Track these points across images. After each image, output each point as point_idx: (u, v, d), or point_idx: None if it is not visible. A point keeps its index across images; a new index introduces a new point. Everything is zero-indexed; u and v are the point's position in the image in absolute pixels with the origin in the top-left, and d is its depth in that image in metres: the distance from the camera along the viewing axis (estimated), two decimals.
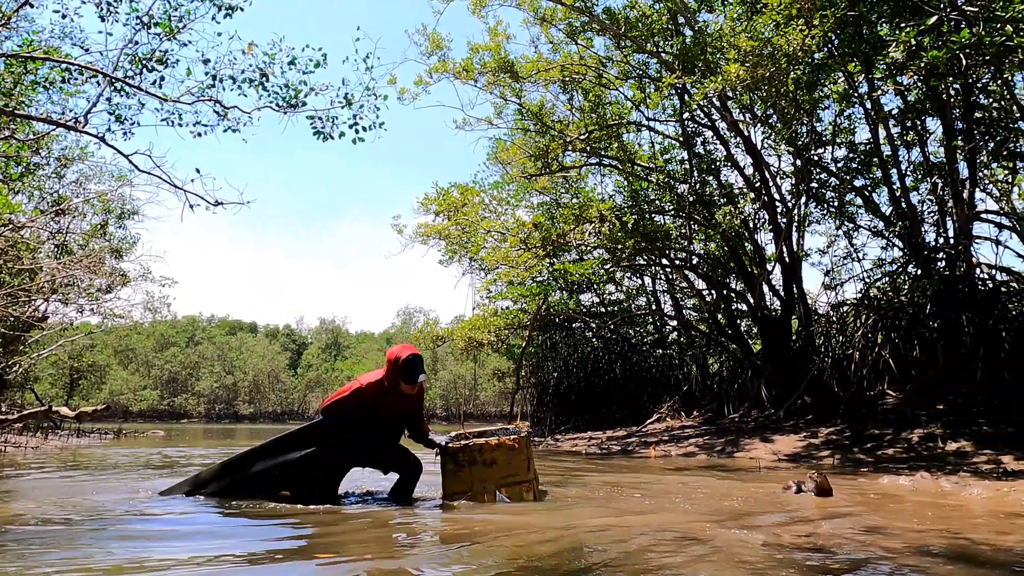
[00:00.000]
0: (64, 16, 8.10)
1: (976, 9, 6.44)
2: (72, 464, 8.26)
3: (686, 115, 12.93)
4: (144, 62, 7.71)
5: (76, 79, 8.05)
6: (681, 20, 11.83)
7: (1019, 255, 25.46)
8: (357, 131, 8.34)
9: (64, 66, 7.84)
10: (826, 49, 9.33)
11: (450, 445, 4.55)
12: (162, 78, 7.85)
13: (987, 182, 10.83)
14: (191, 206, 7.86)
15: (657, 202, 13.97)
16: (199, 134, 8.23)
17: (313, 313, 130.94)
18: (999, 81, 8.44)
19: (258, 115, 8.30)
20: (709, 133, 13.80)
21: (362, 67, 8.23)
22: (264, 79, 8.07)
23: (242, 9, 8.02)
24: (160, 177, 7.73)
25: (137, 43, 7.74)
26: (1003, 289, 10.24)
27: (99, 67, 7.69)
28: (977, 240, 10.41)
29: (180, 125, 8.17)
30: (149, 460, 8.97)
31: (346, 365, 70.98)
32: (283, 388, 70.97)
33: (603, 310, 20.28)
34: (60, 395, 35.32)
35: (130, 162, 7.70)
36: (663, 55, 11.83)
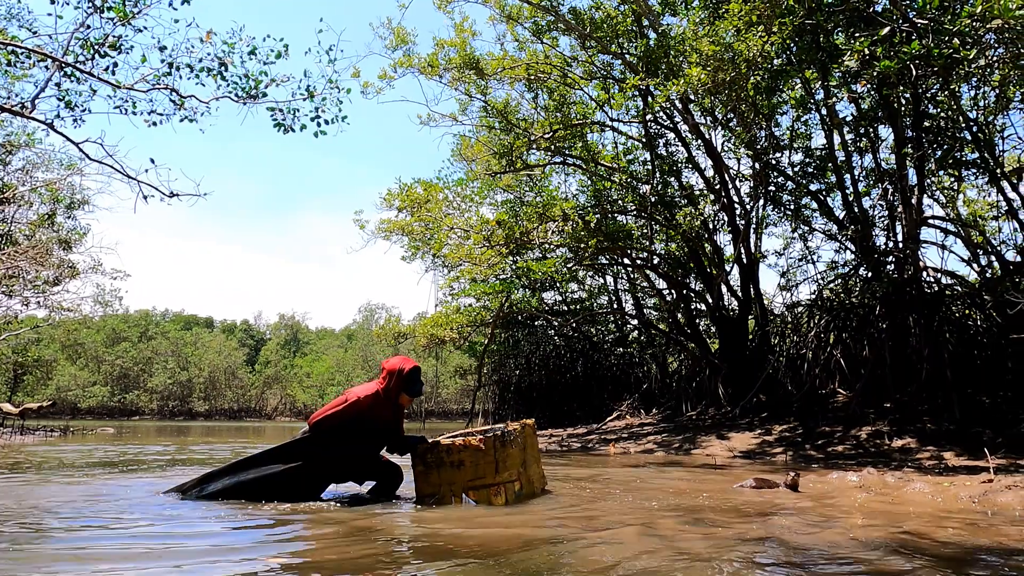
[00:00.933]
0: None
1: (926, 22, 6.68)
2: (16, 465, 7.96)
3: (649, 117, 13.09)
4: (96, 47, 7.46)
5: (23, 63, 7.74)
6: (645, 23, 11.97)
7: (963, 260, 26.40)
8: (319, 124, 8.23)
9: (10, 49, 7.53)
10: (784, 56, 9.56)
11: (419, 446, 4.44)
12: (115, 64, 7.61)
13: (934, 189, 11.23)
14: (145, 197, 7.66)
15: (620, 202, 14.11)
16: (154, 123, 8.01)
17: (272, 308, 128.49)
18: (946, 92, 8.76)
19: (216, 105, 8.12)
20: (671, 135, 14.01)
21: (325, 59, 8.12)
22: (223, 68, 7.89)
23: None
24: (112, 166, 7.52)
25: (89, 27, 7.49)
26: (948, 292, 10.65)
27: (48, 51, 7.42)
28: (924, 245, 10.80)
29: (134, 113, 7.94)
30: (103, 458, 8.70)
31: (305, 361, 69.90)
32: (240, 385, 69.47)
33: (565, 308, 20.42)
34: (3, 392, 33.96)
35: (80, 150, 7.46)
36: (627, 57, 11.95)
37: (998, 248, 10.45)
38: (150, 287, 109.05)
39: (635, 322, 19.28)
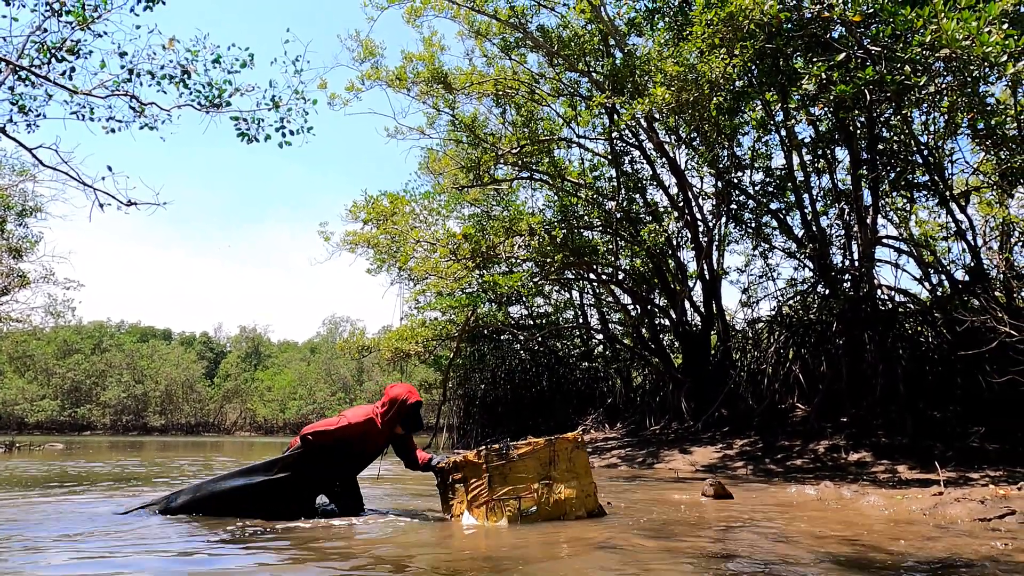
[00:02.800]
0: None
1: (880, 49, 6.94)
2: None
3: (615, 134, 13.29)
4: (53, 51, 7.27)
5: None
6: (612, 42, 12.18)
7: (915, 278, 27.29)
8: (284, 135, 8.14)
9: None
10: (746, 78, 9.81)
11: (438, 464, 4.37)
12: (72, 69, 7.42)
13: (888, 209, 11.61)
14: (101, 205, 7.44)
15: (586, 217, 14.25)
16: (112, 130, 7.82)
17: (233, 320, 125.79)
18: (899, 116, 9.10)
19: (178, 113, 7.96)
20: (636, 152, 14.24)
21: (291, 70, 8.04)
22: (186, 76, 7.76)
23: (163, 2, 7.70)
24: (67, 173, 7.29)
25: (46, 31, 7.29)
26: (901, 310, 10.99)
27: (1, 54, 7.20)
28: (879, 263, 11.15)
29: (92, 119, 7.74)
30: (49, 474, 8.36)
31: (267, 375, 68.51)
32: (198, 399, 67.65)
33: (531, 323, 20.46)
34: None
35: (33, 156, 7.23)
36: (594, 75, 12.13)
37: (948, 268, 10.83)
38: (105, 297, 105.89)
39: (600, 337, 19.41)
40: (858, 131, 10.14)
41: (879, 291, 10.94)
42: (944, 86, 7.05)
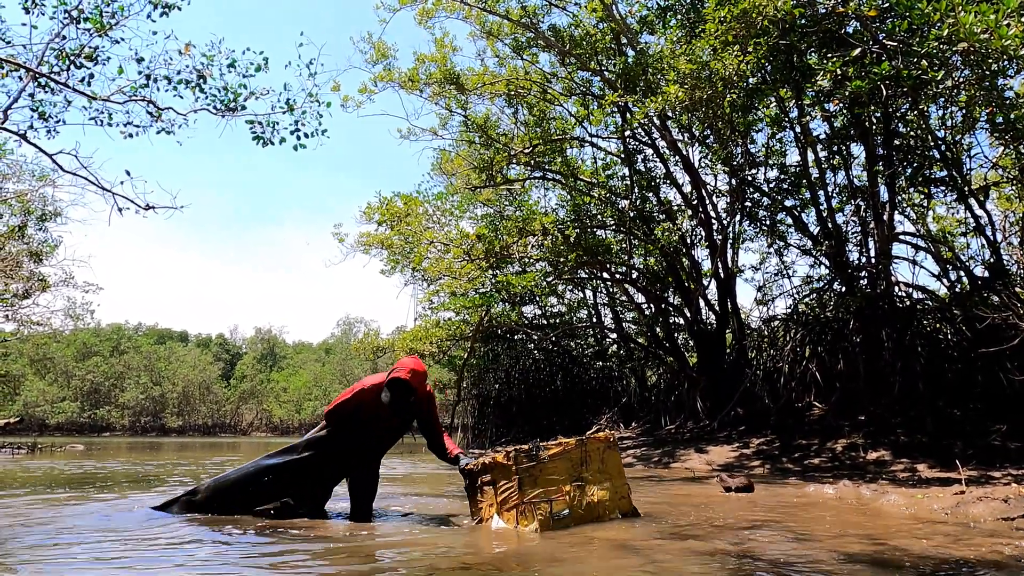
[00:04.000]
0: None
1: (895, 44, 6.87)
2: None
3: (628, 132, 13.25)
4: (72, 58, 7.37)
5: None
6: (624, 40, 12.14)
7: (933, 275, 26.92)
8: (299, 138, 8.20)
9: None
10: (760, 75, 9.74)
11: (466, 466, 4.28)
12: (91, 75, 7.53)
13: (905, 206, 11.48)
14: (120, 209, 7.55)
15: (599, 217, 14.23)
16: (130, 135, 7.92)
17: (248, 322, 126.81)
18: (916, 111, 9.00)
19: (194, 117, 8.06)
20: (649, 151, 14.19)
21: (305, 73, 8.11)
22: (202, 81, 7.85)
23: (179, 8, 7.79)
24: (86, 178, 7.42)
25: (65, 38, 7.41)
26: (919, 307, 10.87)
27: (21, 61, 7.31)
28: (896, 260, 11.02)
29: (110, 125, 7.85)
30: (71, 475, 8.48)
31: (282, 376, 68.99)
32: (215, 400, 68.28)
33: (545, 322, 20.45)
34: None
35: (54, 161, 7.35)
36: (606, 73, 12.11)
37: (967, 264, 10.70)
38: (123, 300, 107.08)
39: (614, 336, 19.36)
40: (874, 127, 10.04)
41: (896, 288, 10.83)
42: (962, 80, 6.96)
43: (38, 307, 18.61)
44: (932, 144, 9.49)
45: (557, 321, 20.40)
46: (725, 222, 13.39)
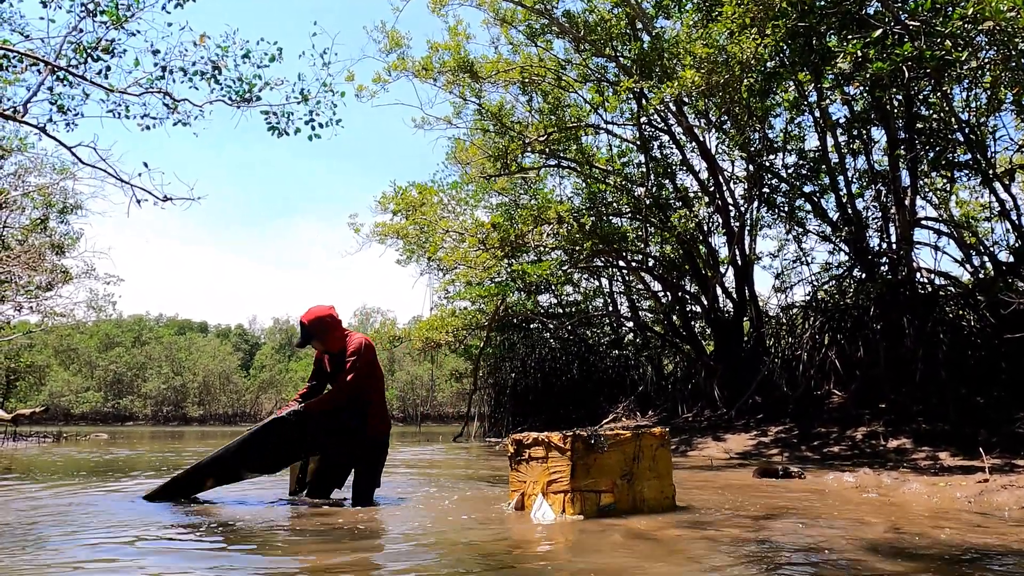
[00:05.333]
0: (2, 0, 7.75)
1: (918, 24, 6.71)
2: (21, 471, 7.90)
3: (643, 119, 13.12)
4: (89, 51, 7.43)
5: (15, 66, 7.70)
6: (639, 25, 12.00)
7: (956, 260, 26.51)
8: (313, 128, 8.22)
9: (2, 53, 7.49)
10: (778, 58, 9.59)
11: (512, 435, 4.15)
12: (108, 68, 7.59)
13: (927, 190, 11.28)
14: (138, 201, 7.63)
15: (614, 204, 14.14)
16: (147, 127, 7.99)
17: (266, 312, 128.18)
18: (938, 93, 8.81)
19: (210, 109, 8.12)
20: (665, 137, 14.04)
21: (319, 63, 8.12)
22: (216, 72, 7.88)
23: (194, 0, 7.81)
24: (105, 171, 7.49)
25: (82, 31, 7.46)
26: (941, 293, 10.69)
27: (40, 55, 7.39)
28: (917, 246, 10.84)
29: (127, 117, 7.92)
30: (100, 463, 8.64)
31: (301, 366, 69.68)
32: (235, 389, 69.23)
33: (561, 311, 20.41)
34: None
35: (73, 154, 7.44)
36: (621, 59, 11.98)
37: (991, 249, 10.50)
38: (144, 292, 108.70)
39: (630, 324, 19.29)
40: (895, 110, 9.85)
41: (918, 274, 10.66)
42: (987, 60, 6.80)
43: (61, 299, 18.95)
44: (955, 127, 9.29)
45: (573, 310, 20.36)
46: (742, 208, 13.24)
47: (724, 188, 13.03)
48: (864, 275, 11.10)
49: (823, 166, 11.66)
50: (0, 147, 14.11)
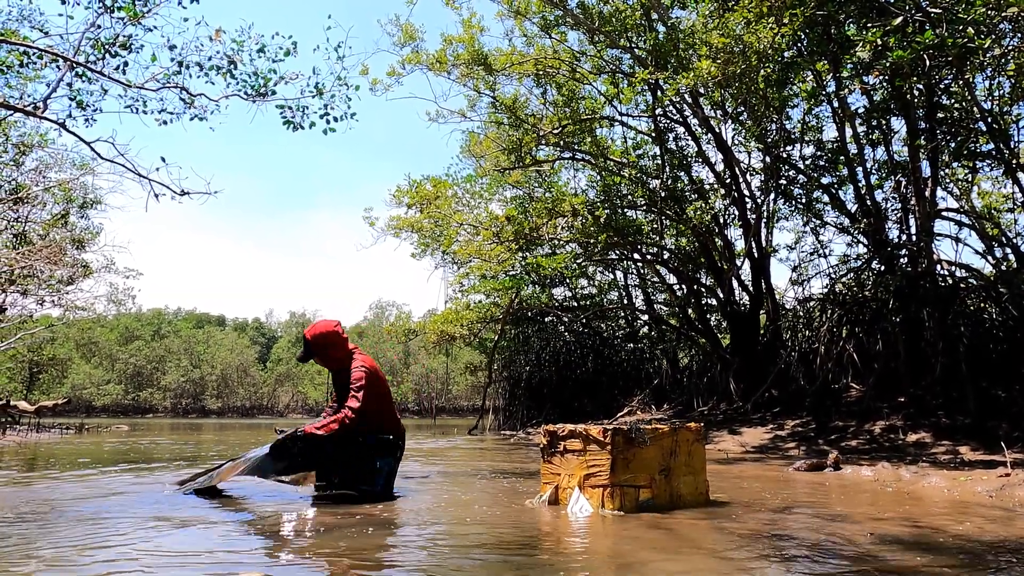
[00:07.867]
0: None
1: (939, 11, 6.59)
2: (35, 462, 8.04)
3: (658, 111, 13.02)
4: (107, 47, 7.50)
5: (35, 63, 7.80)
6: (654, 16, 11.89)
7: (978, 252, 26.07)
8: (328, 122, 8.23)
9: (22, 49, 7.58)
10: (795, 48, 9.47)
11: (546, 426, 4.09)
12: (126, 63, 7.65)
13: (948, 181, 11.11)
14: (156, 196, 7.69)
15: (629, 197, 14.06)
16: (165, 122, 8.05)
17: (283, 306, 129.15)
18: (960, 82, 8.65)
19: (226, 103, 8.14)
20: (681, 129, 13.93)
21: (334, 56, 8.11)
22: (232, 66, 7.91)
23: None
24: (124, 165, 7.55)
25: (100, 27, 7.52)
26: (962, 285, 10.53)
27: (59, 51, 7.46)
28: (938, 237, 10.69)
29: (145, 112, 7.99)
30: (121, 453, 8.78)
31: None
32: (252, 382, 69.95)
33: (575, 304, 20.37)
34: (19, 389, 34.32)
35: (92, 149, 7.50)
36: (636, 51, 11.88)
37: (1013, 240, 10.33)
38: (163, 286, 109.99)
39: (645, 317, 19.21)
40: (916, 99, 9.69)
41: (938, 266, 10.50)
42: (1010, 48, 6.66)
43: (82, 292, 19.25)
44: (978, 116, 9.12)
45: (588, 303, 20.31)
46: (759, 200, 13.11)
47: (740, 180, 12.92)
48: (883, 267, 10.96)
49: (841, 157, 11.51)
50: (21, 143, 14.32)
